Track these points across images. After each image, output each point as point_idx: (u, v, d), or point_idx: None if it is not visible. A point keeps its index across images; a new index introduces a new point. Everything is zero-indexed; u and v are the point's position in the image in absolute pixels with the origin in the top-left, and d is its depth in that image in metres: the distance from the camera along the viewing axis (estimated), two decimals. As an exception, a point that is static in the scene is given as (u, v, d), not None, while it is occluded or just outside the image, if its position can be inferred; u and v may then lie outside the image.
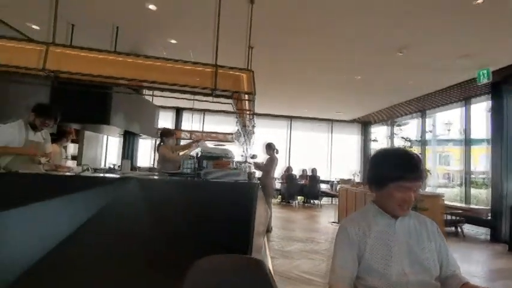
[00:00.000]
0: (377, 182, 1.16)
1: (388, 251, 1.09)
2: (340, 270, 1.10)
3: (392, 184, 1.10)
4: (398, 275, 1.06)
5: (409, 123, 8.94)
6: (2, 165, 2.64)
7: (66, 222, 2.09)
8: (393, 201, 1.11)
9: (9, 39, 2.39)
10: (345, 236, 1.13)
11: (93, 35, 4.42)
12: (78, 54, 2.47)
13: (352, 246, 1.11)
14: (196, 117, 9.86)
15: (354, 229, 1.14)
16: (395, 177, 1.09)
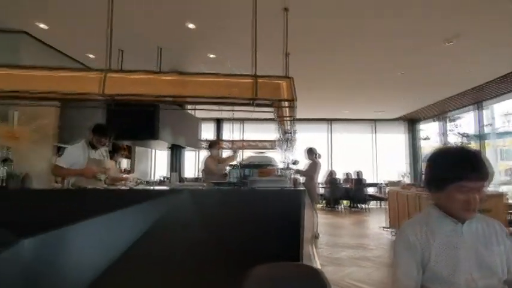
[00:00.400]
0: (436, 184, 1.09)
1: (455, 258, 1.02)
2: (404, 279, 1.05)
3: (452, 185, 1.03)
4: (466, 282, 0.99)
5: (463, 117, 8.23)
6: (71, 182, 2.96)
7: (127, 233, 2.25)
8: (456, 204, 1.04)
9: (72, 70, 2.69)
10: (406, 243, 1.08)
11: (139, 57, 4.78)
12: (130, 77, 2.68)
13: (415, 253, 1.05)
14: (236, 127, 10.09)
15: (415, 235, 1.07)
16: (455, 178, 1.02)
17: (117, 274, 2.18)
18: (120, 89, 2.58)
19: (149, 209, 2.27)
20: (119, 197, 2.44)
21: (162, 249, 2.21)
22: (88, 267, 2.19)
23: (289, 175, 2.78)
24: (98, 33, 4.15)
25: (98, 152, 3.10)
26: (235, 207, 2.27)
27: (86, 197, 2.39)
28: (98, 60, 5.00)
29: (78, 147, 2.98)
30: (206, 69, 5.31)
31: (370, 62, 5.26)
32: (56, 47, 4.60)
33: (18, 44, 4.08)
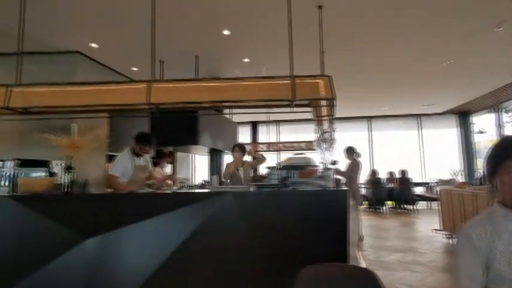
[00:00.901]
0: (489, 169, 1.04)
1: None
2: (467, 282, 0.97)
3: (501, 167, 0.98)
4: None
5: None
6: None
7: (176, 234, 2.35)
8: (506, 188, 0.97)
9: (118, 83, 2.87)
10: (469, 243, 1.00)
11: (178, 67, 5.01)
12: (172, 86, 2.82)
13: (479, 255, 0.97)
14: (272, 129, 10.12)
15: (478, 234, 0.99)
16: (502, 157, 0.99)
17: (168, 273, 2.28)
18: (163, 98, 2.73)
19: (195, 211, 2.34)
20: (167, 200, 2.54)
21: (208, 249, 2.27)
22: (141, 265, 2.30)
23: (331, 175, 2.72)
24: (141, 48, 4.45)
25: (143, 158, 3.30)
26: (277, 208, 2.27)
27: (137, 201, 2.53)
28: (140, 72, 5.34)
29: (125, 155, 3.19)
30: (241, 74, 5.42)
31: (412, 54, 4.97)
32: (105, 63, 5.00)
33: (73, 63, 4.50)
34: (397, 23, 3.91)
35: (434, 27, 4.06)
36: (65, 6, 3.46)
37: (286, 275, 2.06)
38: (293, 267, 2.11)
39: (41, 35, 4.01)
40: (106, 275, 2.36)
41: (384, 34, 4.22)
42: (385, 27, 4.00)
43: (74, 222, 2.36)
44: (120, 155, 3.19)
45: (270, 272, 2.15)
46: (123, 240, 2.38)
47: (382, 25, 3.96)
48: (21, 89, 2.78)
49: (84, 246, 2.35)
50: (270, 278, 2.14)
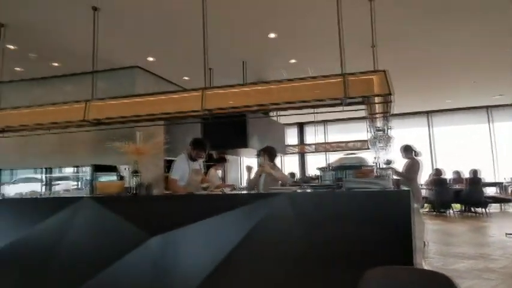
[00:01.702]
0: None
1: None
2: None
3: None
4: None
5: None
6: (181, 189, 3.39)
7: (231, 235, 2.41)
8: None
9: (176, 92, 3.08)
10: None
11: (226, 73, 5.19)
12: (224, 92, 2.93)
13: None
14: (320, 129, 9.90)
15: None
16: None
17: (223, 274, 2.33)
18: (216, 103, 2.86)
19: (249, 212, 2.39)
20: (222, 202, 2.63)
21: (264, 250, 2.30)
22: (199, 265, 2.39)
23: (390, 175, 2.56)
24: (192, 58, 4.72)
25: (197, 162, 3.51)
26: (332, 210, 2.21)
27: (195, 202, 2.67)
28: (191, 81, 5.65)
29: (182, 158, 3.41)
30: (286, 76, 5.42)
31: (476, 41, 4.48)
32: (160, 75, 5.40)
33: (133, 76, 4.94)
34: (459, 4, 3.54)
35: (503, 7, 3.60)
36: (129, 28, 3.83)
37: (344, 281, 2.01)
38: (351, 274, 2.04)
39: (106, 54, 4.48)
40: (167, 272, 2.50)
41: (443, 20, 3.87)
42: (444, 12, 3.66)
43: (141, 221, 2.57)
44: (178, 159, 3.42)
45: (326, 278, 2.11)
46: (182, 239, 2.51)
47: (442, 10, 3.62)
48: (96, 103, 3.14)
49: (149, 244, 2.54)
50: (326, 283, 2.10)
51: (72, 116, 3.20)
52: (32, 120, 3.33)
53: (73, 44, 4.17)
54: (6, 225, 2.82)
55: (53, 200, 2.99)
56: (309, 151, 7.76)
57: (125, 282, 2.54)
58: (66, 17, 3.53)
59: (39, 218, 2.71)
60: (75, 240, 2.64)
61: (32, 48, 4.27)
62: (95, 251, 2.62)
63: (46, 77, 5.26)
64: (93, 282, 2.55)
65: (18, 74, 5.05)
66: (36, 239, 2.70)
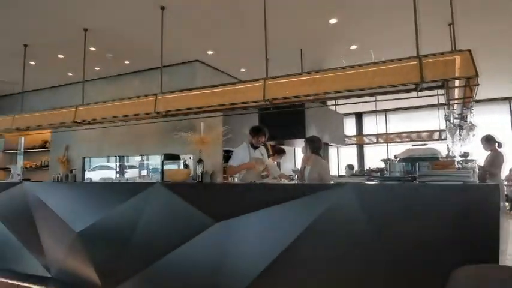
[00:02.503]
0: None
1: None
2: None
3: None
4: None
5: None
6: (239, 178, 3.48)
7: (291, 225, 2.39)
8: None
9: (240, 83, 3.12)
10: None
11: (282, 62, 5.13)
12: (283, 82, 2.90)
13: None
14: (380, 119, 9.30)
15: None
16: None
17: (284, 265, 2.33)
18: (277, 93, 2.85)
19: (313, 203, 2.34)
20: (284, 191, 2.61)
21: (326, 244, 2.24)
22: (259, 254, 2.42)
23: (474, 168, 2.27)
24: (250, 50, 4.77)
25: (258, 151, 3.54)
26: (405, 204, 2.05)
27: (256, 190, 2.71)
28: (247, 72, 5.72)
29: (243, 148, 3.50)
30: (346, 63, 5.16)
31: None
32: (218, 68, 5.57)
33: (194, 70, 5.17)
34: None
35: None
36: (192, 24, 4.00)
37: (417, 282, 1.86)
38: (427, 277, 1.88)
39: (170, 50, 4.75)
40: (229, 258, 2.56)
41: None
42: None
43: (206, 207, 2.70)
44: (238, 148, 3.53)
45: (396, 278, 1.97)
46: (244, 227, 2.55)
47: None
48: (164, 96, 3.37)
49: (213, 229, 2.66)
50: (396, 284, 1.97)
51: (144, 109, 3.48)
52: (110, 113, 3.71)
53: (142, 43, 4.51)
54: (93, 205, 3.21)
55: (130, 184, 3.31)
56: (368, 142, 7.33)
57: (191, 264, 2.69)
58: (137, 18, 3.82)
59: (120, 200, 3.02)
60: (148, 221, 2.89)
61: (108, 49, 4.73)
62: (165, 233, 2.83)
63: (118, 75, 5.82)
64: (163, 261, 2.77)
65: (96, 72, 5.65)
66: (117, 218, 3.03)
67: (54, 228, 3.38)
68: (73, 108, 4.02)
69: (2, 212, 3.86)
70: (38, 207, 3.51)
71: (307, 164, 3.37)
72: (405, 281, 1.95)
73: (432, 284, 1.85)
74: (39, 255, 3.53)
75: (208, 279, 2.62)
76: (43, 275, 3.49)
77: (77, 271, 3.22)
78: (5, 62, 5.12)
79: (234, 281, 2.52)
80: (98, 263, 3.06)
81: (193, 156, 4.43)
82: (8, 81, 6.07)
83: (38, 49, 4.64)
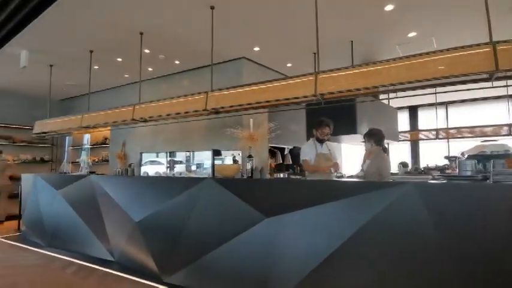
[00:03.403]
0: None
1: None
2: None
3: None
4: None
5: None
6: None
7: (346, 225, 2.28)
8: None
9: (290, 78, 3.00)
10: None
11: (331, 56, 4.97)
12: (335, 75, 2.79)
13: None
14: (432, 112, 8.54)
15: None
16: None
17: (335, 265, 2.26)
18: (328, 88, 2.75)
19: (369, 201, 2.23)
20: (337, 188, 2.51)
21: (383, 244, 2.12)
22: (310, 253, 2.38)
23: None
24: (297, 44, 4.70)
25: (325, 147, 3.48)
26: (478, 205, 1.86)
27: (308, 187, 2.66)
28: (293, 67, 5.64)
29: (309, 144, 3.51)
30: (402, 53, 4.82)
31: None
32: (264, 64, 5.57)
33: (240, 67, 5.24)
34: None
35: None
36: (239, 21, 4.04)
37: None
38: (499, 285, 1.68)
39: (218, 48, 4.86)
40: (279, 254, 2.55)
41: None
42: None
43: (256, 202, 2.71)
44: (305, 145, 3.58)
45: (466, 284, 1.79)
46: (295, 223, 2.51)
47: None
48: (214, 94, 3.46)
49: (263, 225, 2.67)
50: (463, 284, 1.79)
51: (195, 106, 3.62)
52: (164, 111, 3.93)
53: (191, 43, 4.68)
54: (150, 197, 3.42)
55: (184, 179, 3.47)
56: (424, 138, 6.76)
57: (240, 257, 2.73)
58: (188, 19, 3.96)
59: (174, 193, 3.18)
60: (200, 214, 3.00)
61: (161, 50, 5.00)
62: (215, 226, 2.91)
63: (169, 74, 6.13)
64: (214, 254, 2.85)
65: (149, 73, 6.01)
66: (171, 210, 3.19)
67: (116, 217, 3.69)
68: (131, 107, 4.33)
69: (74, 200, 4.32)
70: (103, 197, 3.86)
71: (368, 158, 3.26)
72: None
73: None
74: (104, 240, 3.89)
75: (257, 273, 2.64)
76: (107, 259, 3.84)
77: (137, 257, 3.48)
78: (74, 67, 5.69)
79: (284, 277, 2.51)
80: (155, 251, 3.27)
81: (241, 152, 4.51)
82: (76, 84, 6.76)
83: (100, 54, 5.08)
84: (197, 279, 2.95)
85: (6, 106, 7.55)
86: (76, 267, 3.71)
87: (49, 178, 4.86)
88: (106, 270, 3.58)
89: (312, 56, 4.93)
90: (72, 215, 4.27)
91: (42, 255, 4.26)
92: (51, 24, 4.13)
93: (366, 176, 3.18)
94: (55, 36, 4.51)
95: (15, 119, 7.58)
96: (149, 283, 3.16)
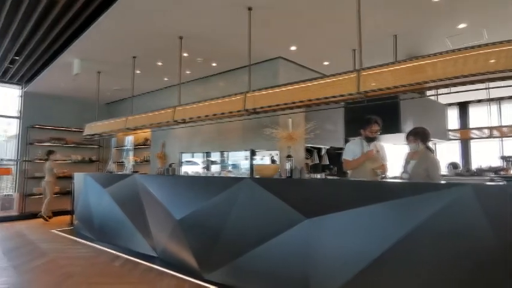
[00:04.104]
0: None
1: None
2: None
3: None
4: None
5: None
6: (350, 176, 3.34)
7: (392, 228, 2.15)
8: None
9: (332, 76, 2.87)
10: None
11: (371, 52, 4.74)
12: (379, 72, 2.66)
13: None
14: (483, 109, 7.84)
15: None
16: None
17: (380, 271, 2.16)
18: (371, 85, 2.63)
19: (416, 204, 2.09)
20: (383, 189, 2.38)
21: (434, 249, 1.98)
22: (354, 256, 2.28)
23: None
24: (335, 42, 4.57)
25: (373, 146, 3.31)
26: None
27: (351, 188, 2.55)
28: (331, 66, 5.49)
29: (355, 143, 3.37)
30: (452, 46, 4.49)
31: None
32: (300, 63, 5.49)
33: (276, 67, 5.21)
34: None
35: None
36: (277, 21, 4.02)
37: None
38: None
39: (254, 49, 4.88)
40: (320, 256, 2.48)
41: None
42: None
43: (296, 203, 2.66)
44: (350, 143, 3.43)
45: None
46: (337, 225, 2.43)
47: None
48: (252, 94, 3.47)
49: (303, 225, 2.60)
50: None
51: (233, 107, 3.65)
52: (203, 112, 4.02)
53: (228, 45, 4.74)
54: (191, 196, 3.51)
55: (223, 178, 3.51)
56: (476, 137, 6.20)
57: (280, 258, 2.69)
58: (225, 21, 4.02)
59: (214, 193, 3.23)
60: (239, 214, 3.02)
61: (199, 53, 5.14)
62: (254, 226, 2.90)
63: (205, 76, 6.28)
64: (253, 253, 2.84)
65: (187, 76, 6.20)
66: (211, 209, 3.24)
67: (158, 215, 3.85)
68: (171, 109, 4.49)
69: (119, 198, 4.58)
70: (146, 195, 4.04)
71: (413, 158, 3.07)
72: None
73: None
74: (147, 237, 4.07)
75: (296, 274, 2.59)
76: (151, 254, 4.01)
77: (178, 254, 3.59)
78: (119, 73, 6.05)
79: (325, 280, 2.44)
80: (196, 249, 3.35)
81: (279, 152, 4.48)
82: (121, 88, 7.18)
83: (142, 59, 5.34)
84: (236, 277, 2.97)
85: (60, 111, 8.24)
86: (122, 261, 3.93)
87: (97, 177, 5.20)
88: (149, 265, 3.74)
89: (350, 53, 4.76)
90: (118, 211, 4.53)
91: (92, 248, 4.57)
92: (99, 34, 4.44)
93: (412, 178, 2.99)
94: (103, 45, 4.83)
95: (67, 122, 8.25)
96: (190, 279, 3.25)
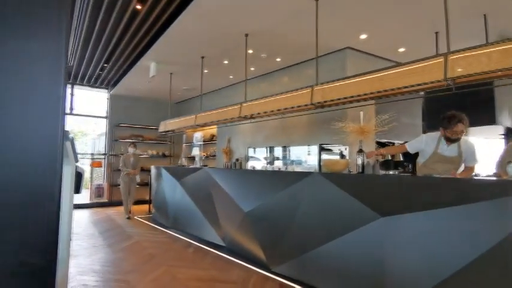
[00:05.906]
0: None
1: None
2: None
3: None
4: None
5: None
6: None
7: (481, 233, 1.91)
8: None
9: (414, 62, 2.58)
10: None
11: (458, 34, 4.19)
12: (471, 55, 2.33)
13: None
14: None
15: None
16: None
17: (472, 279, 1.92)
18: (460, 71, 2.32)
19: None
20: (468, 189, 2.11)
21: None
22: (452, 255, 2.05)
23: None
24: (412, 26, 4.15)
25: (454, 148, 2.77)
26: None
27: (431, 186, 2.29)
28: (408, 52, 5.01)
29: (432, 137, 2.84)
30: None
31: None
32: (371, 52, 5.14)
33: (344, 58, 4.97)
34: None
35: None
36: (344, 10, 3.83)
37: None
38: None
39: (321, 41, 4.74)
40: (395, 258, 2.31)
41: None
42: None
43: (369, 200, 2.51)
44: (427, 134, 2.91)
45: None
46: (416, 226, 2.23)
47: None
48: (320, 87, 3.37)
49: (377, 224, 2.44)
50: None
51: (300, 101, 3.60)
52: (269, 108, 4.05)
53: (294, 38, 4.69)
54: (258, 190, 3.58)
55: (290, 173, 3.50)
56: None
57: (349, 257, 2.59)
58: (291, 15, 3.97)
59: (281, 187, 3.24)
60: (307, 208, 2.97)
61: (263, 49, 5.19)
62: (323, 222, 2.83)
63: (269, 72, 6.32)
64: (321, 249, 2.78)
65: (251, 72, 6.33)
66: (278, 203, 3.26)
67: (227, 207, 4.02)
68: (238, 105, 4.63)
69: (191, 190, 4.92)
70: (215, 188, 4.25)
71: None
72: None
73: None
74: (216, 226, 4.29)
75: (369, 273, 2.47)
76: (219, 243, 4.22)
77: (245, 245, 3.71)
78: (188, 73, 6.48)
79: (403, 284, 2.25)
80: (263, 241, 3.41)
81: (348, 147, 4.28)
82: (189, 88, 7.70)
83: (210, 59, 5.62)
84: (303, 272, 2.95)
85: (138, 111, 9.21)
86: (194, 248, 4.22)
87: (171, 170, 5.67)
88: (218, 253, 3.95)
89: (432, 36, 4.27)
90: (189, 202, 4.87)
91: (168, 234, 5.01)
92: (172, 38, 4.80)
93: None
94: (176, 48, 5.22)
95: (145, 120, 9.18)
96: (257, 269, 3.33)
